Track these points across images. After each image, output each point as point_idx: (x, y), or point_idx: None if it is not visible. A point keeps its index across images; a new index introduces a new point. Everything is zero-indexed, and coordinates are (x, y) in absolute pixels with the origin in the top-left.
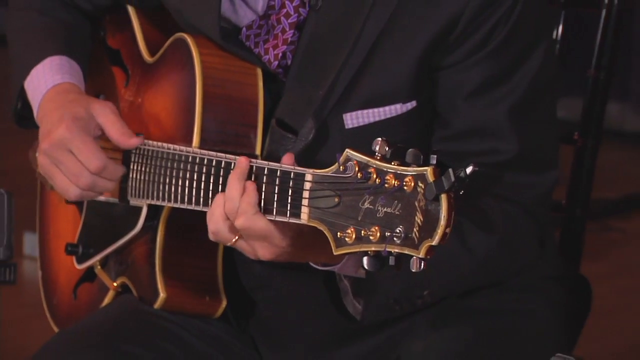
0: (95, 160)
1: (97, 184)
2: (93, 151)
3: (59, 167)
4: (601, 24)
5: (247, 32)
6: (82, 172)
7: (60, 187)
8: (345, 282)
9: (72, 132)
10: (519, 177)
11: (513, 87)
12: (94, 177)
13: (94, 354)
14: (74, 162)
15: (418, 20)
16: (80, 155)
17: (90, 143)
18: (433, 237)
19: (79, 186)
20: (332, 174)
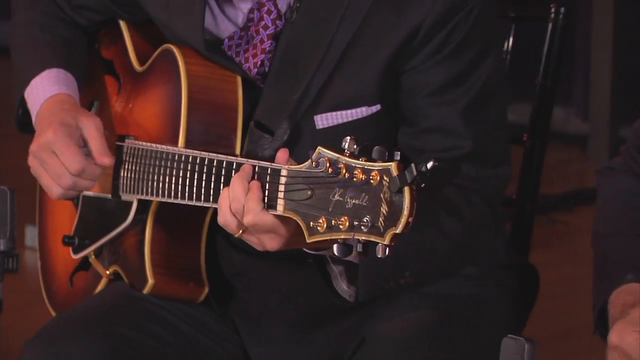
0: (75, 163)
1: (78, 184)
2: (74, 154)
3: (44, 167)
4: (548, 36)
5: (228, 42)
6: (64, 173)
7: (46, 185)
8: (337, 267)
9: (58, 136)
10: (477, 171)
11: (467, 89)
12: (75, 178)
13: (88, 336)
14: (57, 163)
15: (383, 31)
16: (62, 157)
17: (72, 147)
18: (397, 226)
19: (62, 186)
20: (306, 170)
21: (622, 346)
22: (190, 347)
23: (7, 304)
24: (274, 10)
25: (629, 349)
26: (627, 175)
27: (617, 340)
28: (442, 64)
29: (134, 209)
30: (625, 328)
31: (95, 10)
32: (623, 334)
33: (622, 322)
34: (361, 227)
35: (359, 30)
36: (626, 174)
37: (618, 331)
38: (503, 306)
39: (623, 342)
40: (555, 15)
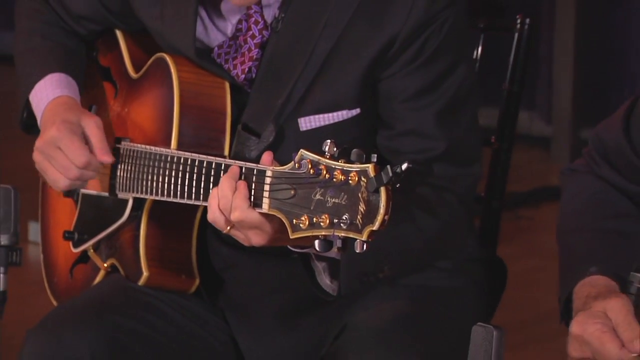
0: (81, 156)
1: (83, 176)
2: (79, 149)
3: (51, 161)
4: (514, 45)
5: (218, 51)
6: (70, 166)
7: (52, 178)
8: (320, 263)
9: (62, 132)
10: (451, 171)
11: (441, 94)
12: (81, 170)
13: (87, 324)
14: (63, 157)
15: (361, 41)
16: (67, 152)
17: (76, 142)
18: (374, 223)
19: (69, 178)
20: (289, 171)
21: (584, 336)
22: (182, 334)
23: (11, 295)
24: (260, 21)
25: (590, 338)
26: (589, 176)
27: (579, 331)
28: (417, 72)
29: (130, 207)
30: (586, 319)
31: (93, 21)
32: (585, 325)
33: (584, 314)
34: (341, 225)
35: (339, 40)
36: (588, 175)
37: (580, 322)
38: (473, 296)
39: (585, 332)
40: (520, 26)
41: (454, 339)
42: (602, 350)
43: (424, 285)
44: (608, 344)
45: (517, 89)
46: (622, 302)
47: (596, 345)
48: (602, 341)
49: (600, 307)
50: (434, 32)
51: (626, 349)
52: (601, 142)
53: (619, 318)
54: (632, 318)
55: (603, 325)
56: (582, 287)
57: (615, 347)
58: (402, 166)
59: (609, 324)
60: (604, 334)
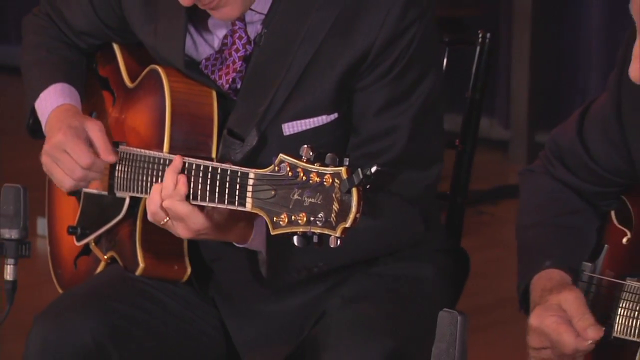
0: (86, 158)
1: (88, 176)
2: (83, 151)
3: (57, 163)
4: (475, 58)
5: (205, 63)
6: (76, 167)
7: (59, 179)
8: (263, 253)
9: (67, 137)
10: (409, 174)
11: (411, 103)
12: (86, 171)
13: (89, 310)
14: (69, 160)
15: (337, 53)
16: (73, 155)
17: (81, 145)
18: (347, 221)
19: (74, 178)
20: (269, 173)
21: (542, 328)
22: (175, 319)
23: (21, 284)
24: (244, 36)
25: (548, 330)
26: (545, 176)
27: (537, 323)
28: (389, 85)
29: (127, 205)
30: (543, 312)
31: (93, 36)
32: (542, 318)
33: (541, 307)
34: (317, 222)
35: (316, 52)
36: (544, 175)
37: (538, 315)
38: (439, 284)
39: (542, 324)
40: (482, 40)
41: (422, 323)
42: (559, 340)
43: (395, 274)
44: (564, 335)
45: (479, 96)
46: (574, 295)
47: (554, 336)
48: (559, 332)
49: (555, 300)
50: (405, 46)
51: (581, 338)
52: (556, 145)
53: (573, 309)
54: (584, 309)
55: (559, 317)
56: (539, 280)
57: (570, 337)
58: (372, 169)
59: (564, 315)
60: (560, 325)
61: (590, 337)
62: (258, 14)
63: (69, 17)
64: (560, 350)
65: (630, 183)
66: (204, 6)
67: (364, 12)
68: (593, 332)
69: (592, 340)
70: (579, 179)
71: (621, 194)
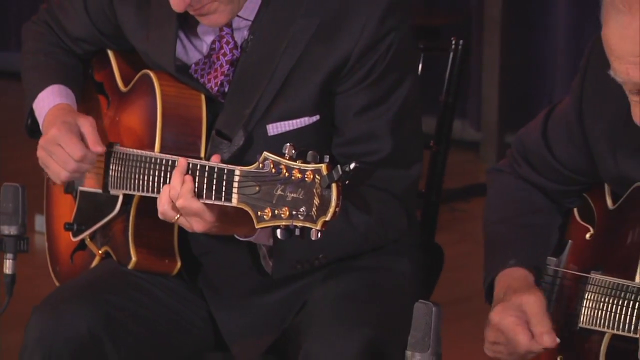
0: (78, 151)
1: (80, 168)
2: (76, 144)
3: (52, 156)
4: (449, 63)
5: (195, 67)
6: (69, 159)
7: (53, 171)
8: (263, 248)
9: (61, 131)
10: (391, 173)
11: (388, 107)
12: (78, 163)
13: (84, 302)
14: (63, 152)
15: (319, 58)
16: (66, 148)
17: (74, 139)
18: (327, 214)
19: (68, 170)
20: (254, 170)
21: (500, 325)
22: (166, 310)
23: (19, 278)
24: (231, 41)
25: (505, 329)
26: (511, 175)
27: (497, 320)
28: (368, 89)
29: (120, 202)
30: (504, 310)
31: (89, 42)
32: (502, 316)
33: (503, 305)
34: (298, 216)
35: (299, 58)
36: (510, 174)
37: (498, 312)
38: (415, 277)
39: (501, 322)
40: (455, 46)
41: (399, 313)
42: (514, 339)
43: (374, 267)
44: (519, 335)
45: (452, 100)
46: (535, 298)
47: (510, 335)
48: (515, 332)
49: (517, 301)
50: (382, 54)
51: (534, 341)
52: (522, 145)
53: (533, 313)
54: (543, 314)
55: (517, 318)
56: (503, 277)
57: (525, 339)
58: (350, 165)
59: (523, 317)
60: (517, 326)
61: (546, 344)
62: (245, 21)
63: (66, 24)
64: (513, 348)
65: (592, 182)
66: (194, 12)
67: (345, 20)
68: (548, 339)
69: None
70: (543, 177)
71: (583, 192)
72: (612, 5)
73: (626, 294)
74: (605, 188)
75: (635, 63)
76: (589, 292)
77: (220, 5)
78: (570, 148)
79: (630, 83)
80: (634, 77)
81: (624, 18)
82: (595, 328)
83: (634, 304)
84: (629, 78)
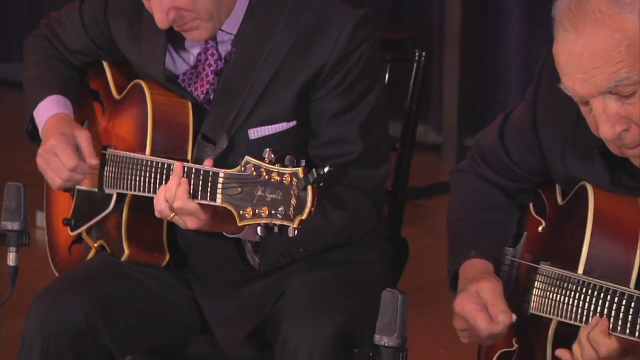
0: (71, 161)
1: (73, 177)
2: (70, 155)
3: (49, 165)
4: (413, 73)
5: (182, 77)
6: (63, 168)
7: (49, 177)
8: (248, 244)
9: (58, 142)
10: (362, 172)
11: (358, 112)
12: (71, 172)
13: (81, 291)
14: (58, 162)
15: (296, 69)
16: (61, 157)
17: (69, 150)
18: (303, 214)
19: (61, 178)
20: (237, 173)
21: (462, 313)
22: (156, 299)
23: (21, 269)
24: (216, 53)
25: (467, 316)
26: (472, 175)
27: (459, 309)
28: (340, 96)
29: (114, 200)
30: (464, 299)
31: (85, 54)
32: (462, 304)
33: (463, 294)
34: (277, 215)
35: (278, 69)
36: (471, 174)
37: (459, 302)
38: (383, 267)
39: (463, 310)
40: (418, 58)
41: (368, 301)
42: (475, 324)
43: (345, 259)
44: (479, 320)
45: (416, 107)
46: (491, 284)
47: (471, 321)
48: (475, 318)
49: (474, 289)
50: (354, 64)
51: (494, 324)
52: (481, 147)
53: (488, 297)
54: (498, 297)
55: (476, 304)
56: (465, 268)
57: (485, 322)
58: (325, 169)
59: (482, 302)
60: (477, 312)
61: (501, 322)
62: (228, 34)
63: (64, 38)
64: (477, 332)
65: (545, 180)
66: (178, 28)
67: (320, 33)
68: (504, 317)
69: (503, 324)
70: (500, 176)
71: (538, 189)
72: (561, 24)
73: (569, 284)
74: (557, 185)
75: (580, 79)
76: (538, 281)
77: (201, 23)
78: (524, 151)
79: (577, 96)
80: (579, 91)
81: (570, 37)
82: (543, 314)
83: (575, 294)
84: (575, 92)
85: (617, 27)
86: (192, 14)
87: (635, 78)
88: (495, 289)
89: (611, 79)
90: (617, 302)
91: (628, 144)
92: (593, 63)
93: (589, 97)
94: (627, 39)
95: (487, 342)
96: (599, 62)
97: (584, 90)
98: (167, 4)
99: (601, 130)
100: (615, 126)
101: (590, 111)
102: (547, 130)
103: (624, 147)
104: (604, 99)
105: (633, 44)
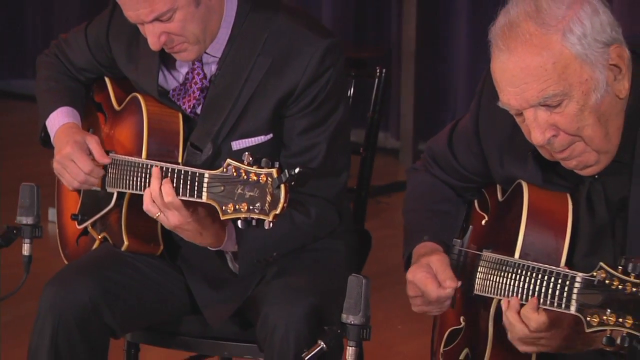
0: (87, 166)
1: (88, 180)
2: (85, 161)
3: (66, 169)
4: (375, 87)
5: (172, 92)
6: (80, 172)
7: (67, 181)
8: (229, 253)
9: (74, 149)
10: (326, 180)
11: (326, 128)
12: (87, 175)
13: (87, 277)
14: (75, 167)
15: (272, 89)
16: (78, 163)
17: (84, 156)
18: (277, 209)
19: (78, 181)
20: (220, 173)
21: (414, 281)
22: (152, 283)
23: (35, 258)
24: (202, 73)
25: (418, 282)
26: (425, 173)
27: (411, 277)
28: (309, 115)
29: (115, 198)
30: (416, 269)
31: (90, 71)
32: (414, 273)
33: (415, 265)
34: (255, 210)
35: (256, 88)
36: (424, 172)
37: (411, 271)
38: (349, 255)
39: (414, 278)
40: (379, 74)
41: (336, 285)
42: (425, 289)
43: (316, 249)
44: (429, 286)
45: (377, 116)
46: (439, 257)
47: (422, 287)
48: (425, 284)
49: (425, 261)
50: (322, 87)
51: (442, 288)
52: (432, 151)
53: (437, 267)
54: (446, 267)
55: (427, 272)
56: (418, 249)
57: (434, 287)
58: (296, 170)
59: (431, 272)
60: (427, 279)
61: (448, 286)
62: (212, 57)
63: (71, 57)
64: (427, 297)
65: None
66: (168, 50)
67: (292, 59)
68: (450, 282)
69: (450, 288)
70: (449, 176)
71: (481, 188)
72: (496, 45)
73: (507, 267)
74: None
75: (513, 93)
76: (481, 266)
77: (189, 46)
78: (469, 155)
79: (513, 109)
80: (514, 104)
81: (503, 56)
82: (485, 295)
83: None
84: (510, 105)
85: (543, 46)
86: (180, 38)
87: (560, 92)
88: (443, 260)
89: (540, 95)
90: (546, 280)
91: (557, 148)
92: (524, 79)
93: (522, 109)
94: (553, 57)
95: (435, 309)
96: (529, 79)
97: (517, 103)
98: (159, 29)
99: (533, 136)
100: (545, 132)
101: (523, 121)
102: (488, 137)
103: (554, 151)
104: (535, 110)
105: (558, 61)
